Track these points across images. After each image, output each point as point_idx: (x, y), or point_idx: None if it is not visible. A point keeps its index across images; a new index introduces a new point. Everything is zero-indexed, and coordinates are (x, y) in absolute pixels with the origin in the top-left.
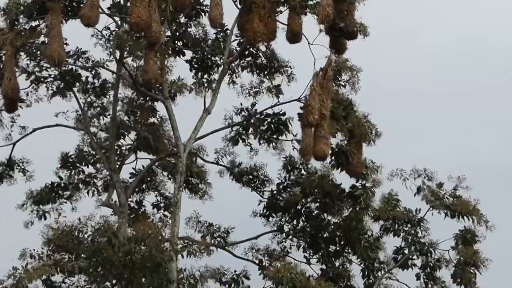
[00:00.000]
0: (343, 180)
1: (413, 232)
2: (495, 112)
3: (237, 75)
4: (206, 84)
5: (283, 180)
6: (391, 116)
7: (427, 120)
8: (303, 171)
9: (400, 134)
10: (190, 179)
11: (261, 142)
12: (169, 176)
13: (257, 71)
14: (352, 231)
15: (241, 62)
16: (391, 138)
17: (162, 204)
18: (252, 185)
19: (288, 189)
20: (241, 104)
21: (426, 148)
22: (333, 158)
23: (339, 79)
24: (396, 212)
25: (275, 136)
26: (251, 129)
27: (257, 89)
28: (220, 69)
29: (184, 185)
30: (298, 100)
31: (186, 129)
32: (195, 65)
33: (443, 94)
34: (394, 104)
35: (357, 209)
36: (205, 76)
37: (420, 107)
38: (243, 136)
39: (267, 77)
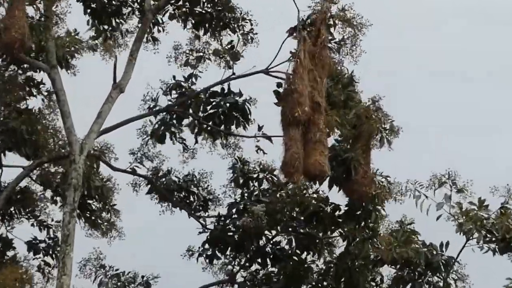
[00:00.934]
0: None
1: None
2: None
3: (165, 31)
4: (115, 42)
5: (237, 199)
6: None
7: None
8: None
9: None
10: (89, 201)
11: (203, 138)
12: (55, 194)
13: (199, 25)
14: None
15: (174, 9)
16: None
17: (42, 243)
18: (188, 207)
19: (246, 213)
20: (174, 77)
21: (455, 146)
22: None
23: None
24: (409, 250)
25: (225, 129)
26: (187, 118)
27: (200, 54)
28: (137, 20)
29: (79, 211)
30: (266, 72)
31: (85, 116)
32: (92, 5)
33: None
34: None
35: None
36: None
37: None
38: (173, 129)
39: (215, 34)
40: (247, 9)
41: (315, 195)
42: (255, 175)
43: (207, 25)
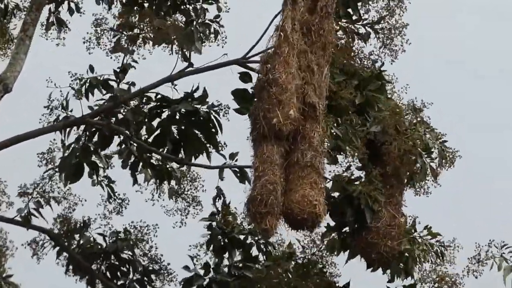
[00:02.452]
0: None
1: None
2: None
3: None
4: None
5: (198, 272)
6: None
7: None
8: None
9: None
10: None
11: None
12: None
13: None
14: None
15: None
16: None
17: None
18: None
19: None
20: (91, 68)
21: None
22: None
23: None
24: None
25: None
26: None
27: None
28: None
29: None
30: (243, 62)
31: None
32: None
33: None
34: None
35: None
36: None
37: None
38: (94, 158)
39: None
40: None
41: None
42: (242, 237)
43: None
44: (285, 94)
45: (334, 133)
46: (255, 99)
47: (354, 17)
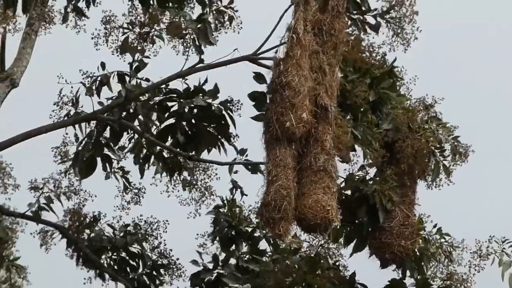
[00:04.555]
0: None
1: None
2: None
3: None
4: None
5: (208, 266)
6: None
7: None
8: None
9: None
10: None
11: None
12: None
13: None
14: None
15: None
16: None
17: None
18: (128, 277)
19: None
20: (102, 65)
21: None
22: None
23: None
24: None
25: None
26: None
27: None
28: None
29: None
30: (254, 58)
31: None
32: None
33: None
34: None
35: None
36: None
37: None
38: (107, 151)
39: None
40: None
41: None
42: (249, 229)
43: None
44: (298, 97)
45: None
46: (268, 101)
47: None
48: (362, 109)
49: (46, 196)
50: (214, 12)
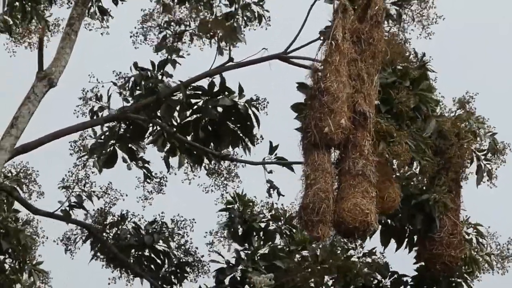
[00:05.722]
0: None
1: None
2: None
3: None
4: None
5: (231, 263)
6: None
7: None
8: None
9: None
10: None
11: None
12: None
13: None
14: None
15: None
16: None
17: None
18: (154, 274)
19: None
20: (135, 65)
21: None
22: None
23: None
24: None
25: (215, 148)
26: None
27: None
28: None
29: None
30: (284, 57)
31: None
32: None
33: None
34: None
35: None
36: None
37: None
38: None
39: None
40: None
41: (366, 259)
42: (262, 224)
43: None
44: (336, 103)
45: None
46: (306, 107)
47: None
48: (407, 116)
49: (77, 195)
50: (242, 9)
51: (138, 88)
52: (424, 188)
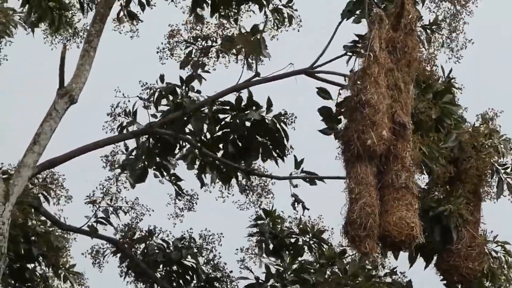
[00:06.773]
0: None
1: None
2: None
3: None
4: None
5: (261, 279)
6: None
7: None
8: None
9: None
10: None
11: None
12: None
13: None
14: None
15: None
16: None
17: None
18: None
19: None
20: (161, 78)
21: None
22: None
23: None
24: None
25: (245, 162)
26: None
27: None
28: None
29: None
30: (310, 72)
31: (17, 138)
32: None
33: None
34: None
35: None
36: None
37: None
38: (159, 159)
39: (229, 14)
40: None
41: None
42: (292, 240)
43: None
44: (378, 115)
45: (421, 152)
46: (346, 120)
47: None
48: (428, 126)
49: (104, 210)
50: (271, 12)
51: (165, 100)
52: (440, 199)
